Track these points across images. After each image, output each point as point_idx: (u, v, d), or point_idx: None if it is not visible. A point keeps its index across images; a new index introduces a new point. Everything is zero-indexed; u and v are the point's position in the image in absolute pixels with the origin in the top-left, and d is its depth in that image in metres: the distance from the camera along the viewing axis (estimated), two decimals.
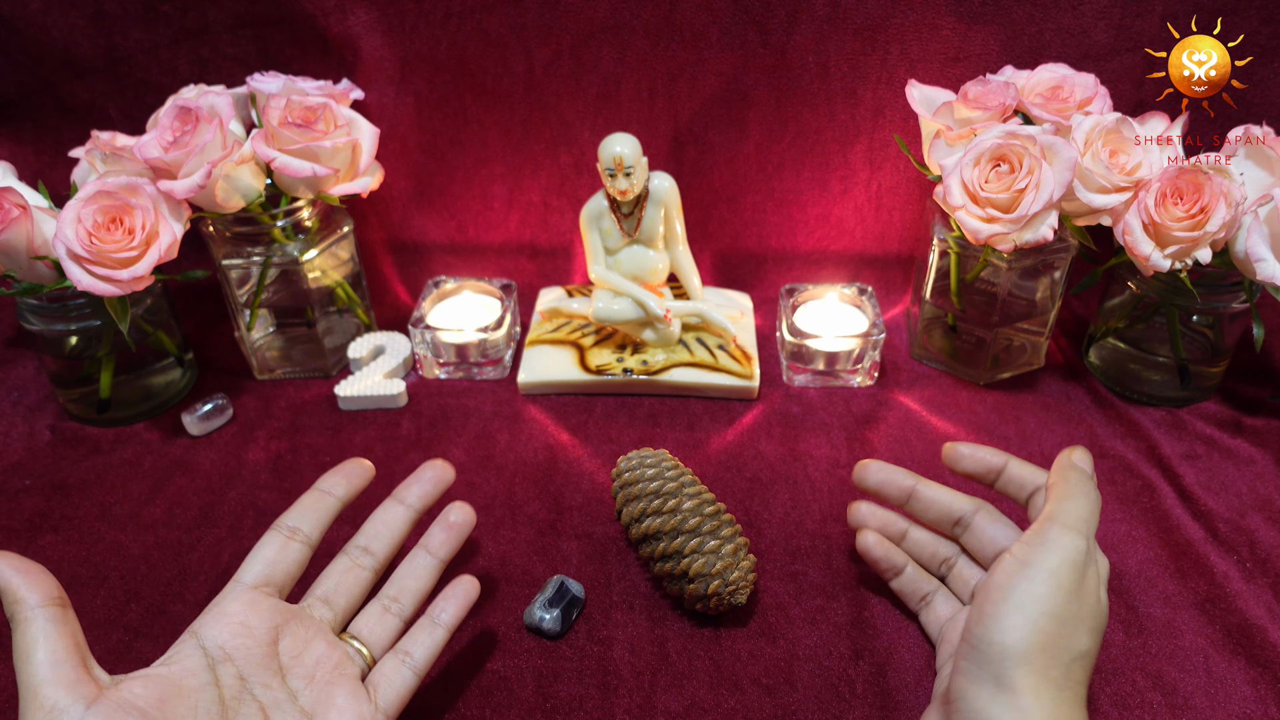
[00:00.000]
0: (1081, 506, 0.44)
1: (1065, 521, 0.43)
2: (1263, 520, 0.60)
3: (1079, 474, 0.46)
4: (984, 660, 0.40)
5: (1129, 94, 0.74)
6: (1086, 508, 0.44)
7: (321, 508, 0.48)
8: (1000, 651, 0.39)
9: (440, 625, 0.47)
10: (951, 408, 0.71)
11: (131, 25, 0.75)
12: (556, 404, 0.72)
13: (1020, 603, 0.40)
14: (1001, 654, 0.39)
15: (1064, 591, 0.41)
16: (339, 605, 0.47)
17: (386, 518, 0.50)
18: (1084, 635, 0.41)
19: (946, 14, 0.72)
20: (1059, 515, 0.43)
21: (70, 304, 0.65)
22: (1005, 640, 0.39)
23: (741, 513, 0.61)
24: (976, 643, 0.40)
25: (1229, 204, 0.59)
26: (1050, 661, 0.39)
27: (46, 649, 0.37)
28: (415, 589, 0.49)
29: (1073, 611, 0.41)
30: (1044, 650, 0.39)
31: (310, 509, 0.48)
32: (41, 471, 0.66)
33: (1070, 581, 0.41)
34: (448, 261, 0.86)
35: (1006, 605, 0.40)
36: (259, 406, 0.72)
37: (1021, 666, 0.39)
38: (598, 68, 0.76)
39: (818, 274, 0.85)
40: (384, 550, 0.49)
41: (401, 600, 0.48)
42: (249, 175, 0.66)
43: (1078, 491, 0.45)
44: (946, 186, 0.64)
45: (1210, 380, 0.72)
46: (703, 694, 0.49)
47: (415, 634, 0.47)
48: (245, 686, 0.41)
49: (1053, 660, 0.39)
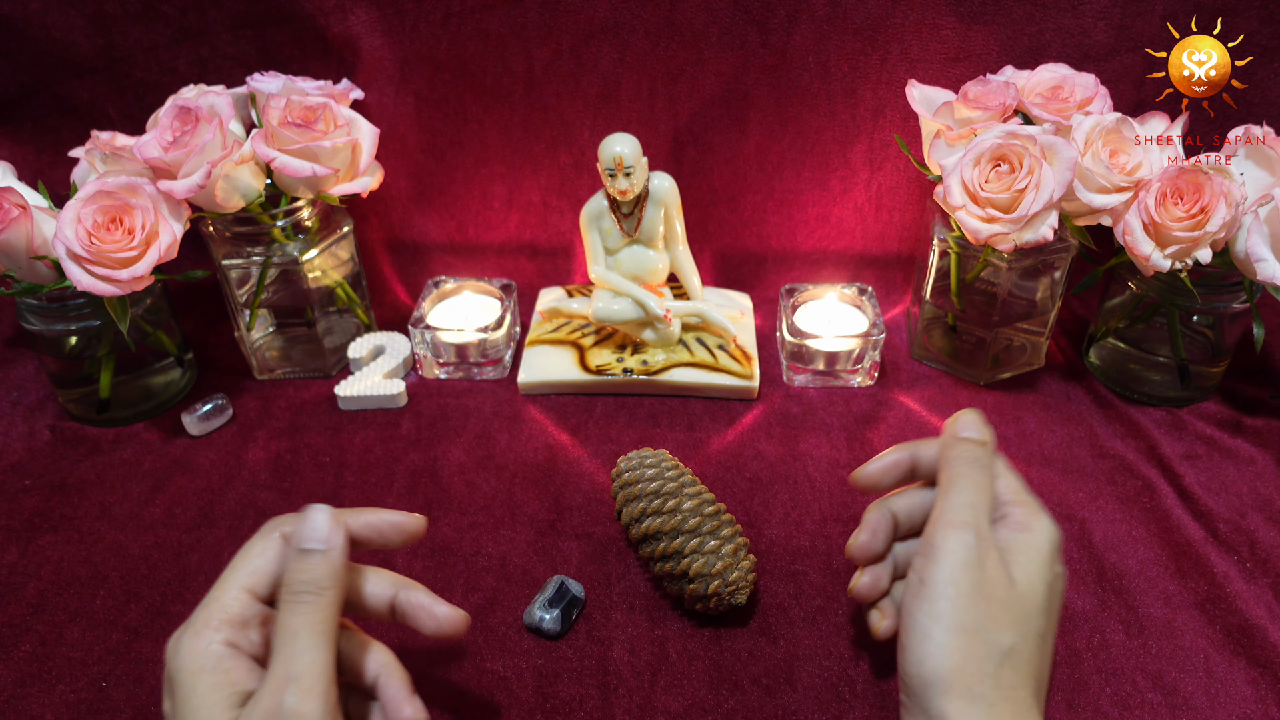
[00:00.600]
0: (964, 494, 0.42)
1: (950, 519, 0.41)
2: (1263, 520, 0.60)
3: (961, 452, 0.44)
4: (913, 694, 0.38)
5: (1129, 94, 0.74)
6: (970, 494, 0.42)
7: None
8: (921, 684, 0.38)
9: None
10: (951, 408, 0.71)
11: (131, 25, 0.75)
12: (556, 404, 0.72)
13: (924, 628, 0.38)
14: (923, 687, 0.38)
15: (964, 597, 0.38)
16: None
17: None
18: (1004, 633, 0.38)
19: (946, 14, 0.72)
20: (944, 513, 0.41)
21: (70, 304, 0.65)
22: (921, 672, 0.38)
23: (741, 513, 0.61)
24: (903, 677, 0.39)
25: (1229, 204, 0.59)
26: (973, 678, 0.37)
27: (325, 650, 0.37)
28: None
29: (981, 613, 0.38)
30: (961, 670, 0.37)
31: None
32: (41, 471, 0.66)
33: (968, 583, 0.39)
34: (448, 261, 0.86)
35: (914, 633, 0.39)
36: (259, 406, 0.72)
37: (945, 695, 0.37)
38: (598, 68, 0.76)
39: (818, 274, 0.85)
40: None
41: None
42: (249, 175, 0.66)
43: (958, 477, 0.42)
44: (946, 186, 0.64)
45: (1210, 380, 0.72)
46: (703, 694, 0.49)
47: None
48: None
49: (975, 676, 0.37)
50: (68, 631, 0.53)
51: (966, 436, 0.45)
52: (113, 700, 0.49)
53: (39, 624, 0.54)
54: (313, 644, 0.37)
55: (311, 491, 0.63)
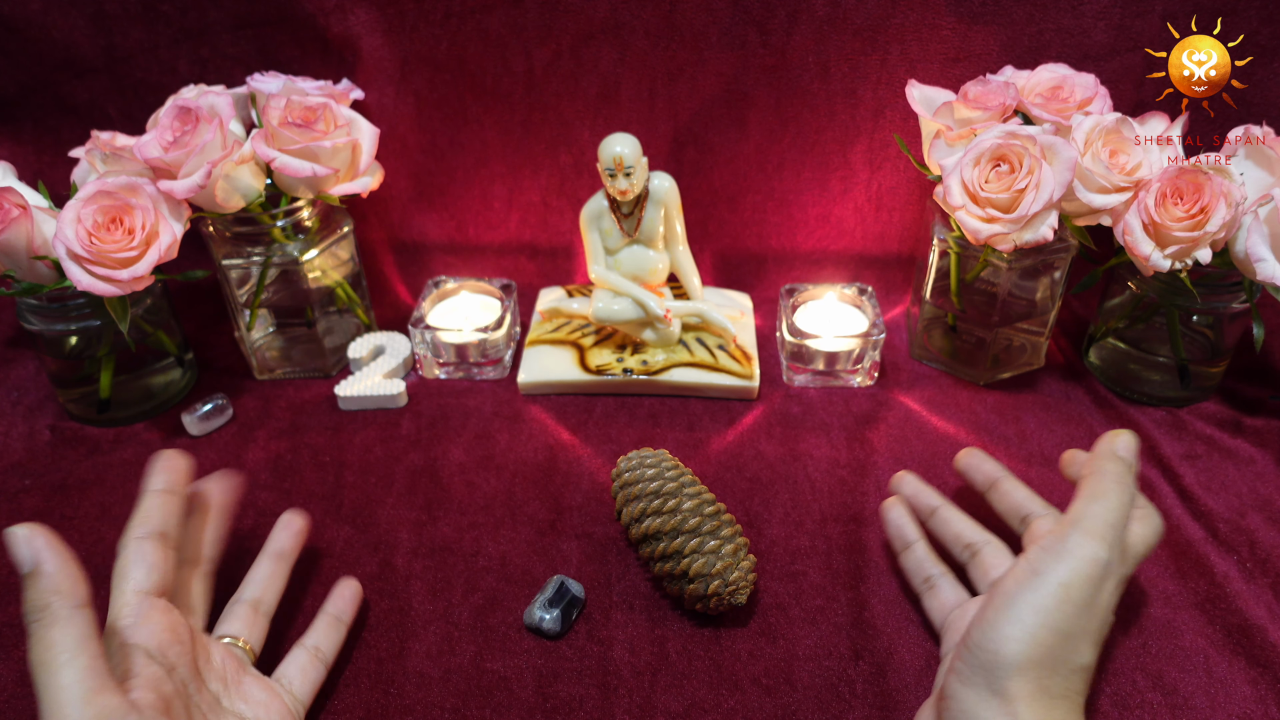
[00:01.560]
0: (1109, 509, 0.41)
1: (1088, 527, 0.41)
2: (1263, 520, 0.60)
3: (1115, 467, 0.43)
4: (978, 665, 0.39)
5: (1129, 94, 0.74)
6: (1114, 510, 0.41)
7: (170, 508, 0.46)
8: (994, 660, 0.38)
9: (340, 621, 0.51)
10: (951, 408, 0.71)
11: (131, 25, 0.75)
12: (556, 404, 0.72)
13: (1022, 614, 0.39)
14: (995, 662, 0.38)
15: (1073, 606, 0.39)
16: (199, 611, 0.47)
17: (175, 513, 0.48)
18: (1087, 648, 0.39)
19: (946, 14, 0.72)
20: (1083, 519, 0.41)
21: (70, 304, 0.65)
22: (1000, 650, 0.39)
23: (741, 513, 0.61)
24: (973, 646, 0.40)
25: (1229, 204, 0.59)
26: (1049, 674, 0.38)
27: (88, 655, 0.36)
28: (277, 588, 0.51)
29: (1080, 626, 0.39)
30: (1041, 664, 0.38)
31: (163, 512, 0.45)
32: (41, 471, 0.66)
33: (1083, 596, 0.39)
34: (448, 261, 0.86)
35: (1008, 614, 0.39)
36: (259, 406, 0.72)
37: (1016, 677, 0.38)
38: (598, 68, 0.76)
39: (818, 274, 0.85)
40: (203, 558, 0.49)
41: (266, 601, 0.50)
42: (249, 175, 0.66)
43: (1108, 490, 0.42)
44: (946, 186, 0.64)
45: (1210, 380, 0.72)
46: (703, 694, 0.49)
47: (318, 629, 0.50)
48: (189, 693, 0.41)
49: (1052, 673, 0.38)
50: None
51: (1124, 457, 0.44)
52: None
53: None
54: (65, 663, 0.36)
55: (311, 491, 0.63)
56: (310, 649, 0.49)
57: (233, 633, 0.48)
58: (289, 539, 0.54)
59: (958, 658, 0.41)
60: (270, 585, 0.51)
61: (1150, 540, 0.45)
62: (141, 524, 0.44)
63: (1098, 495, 0.42)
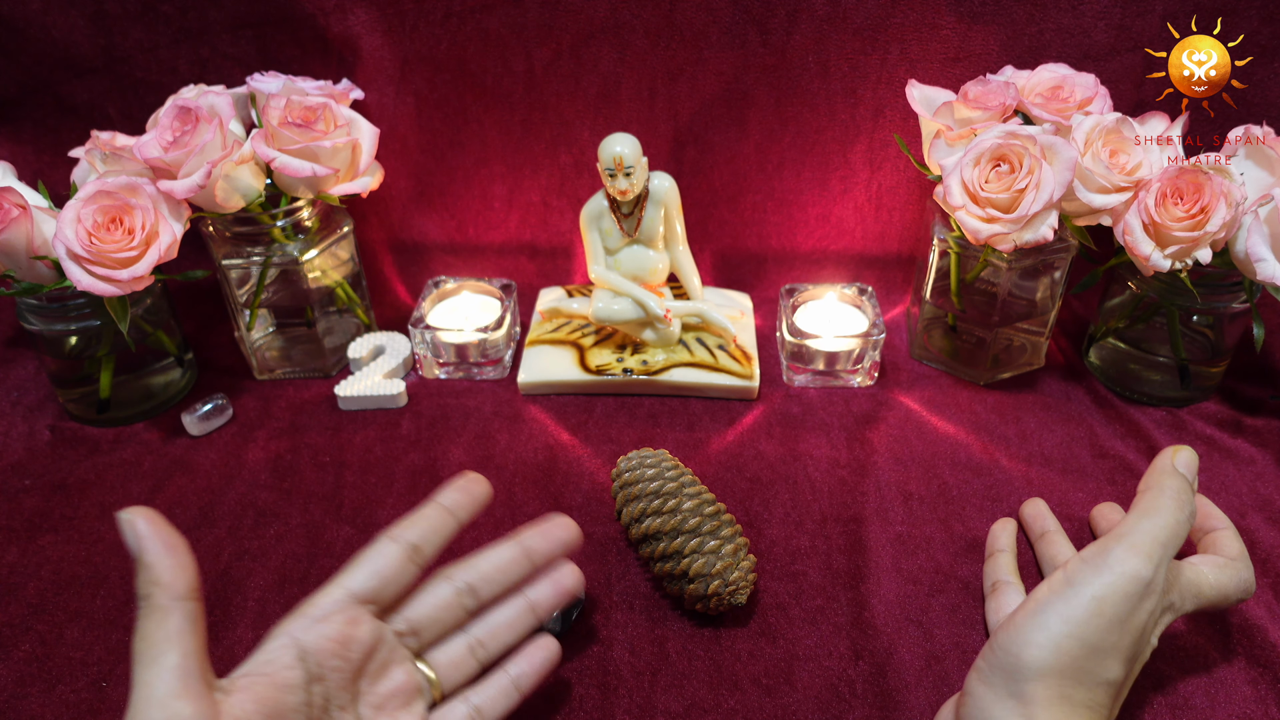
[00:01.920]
0: (1160, 526, 0.40)
1: (1134, 542, 0.40)
2: (1263, 520, 0.60)
3: (1174, 483, 0.42)
4: (999, 666, 0.39)
5: (1129, 94, 0.74)
6: (1166, 529, 0.40)
7: (445, 530, 0.44)
8: (1015, 663, 0.39)
9: (517, 689, 0.45)
10: (952, 408, 0.71)
11: (131, 25, 0.75)
12: (556, 404, 0.72)
13: (1049, 621, 0.39)
14: (1015, 665, 0.38)
15: (1105, 620, 0.38)
16: (426, 637, 0.44)
17: (501, 562, 0.46)
18: (1116, 664, 0.39)
19: (946, 14, 0.72)
20: (1130, 534, 0.40)
21: (70, 304, 0.65)
22: (1021, 654, 0.38)
23: (741, 513, 0.61)
24: (997, 648, 0.40)
25: (1229, 204, 0.59)
26: (1072, 684, 0.38)
27: (178, 654, 0.35)
28: (507, 640, 0.46)
29: (1110, 642, 0.38)
30: (1064, 673, 0.38)
31: (436, 531, 0.44)
32: (41, 471, 0.66)
33: (1116, 612, 0.39)
34: (448, 261, 0.86)
35: (1036, 620, 0.39)
36: (259, 406, 0.72)
37: (1035, 682, 0.38)
38: (598, 68, 0.76)
39: (818, 274, 0.85)
40: (490, 596, 0.46)
41: (489, 647, 0.45)
42: (249, 175, 0.66)
43: (1163, 507, 0.41)
44: (946, 186, 0.64)
45: (1210, 380, 0.72)
46: (703, 694, 0.49)
47: (489, 689, 0.44)
48: (326, 709, 0.39)
49: (1075, 683, 0.38)
50: (68, 631, 0.53)
51: (1183, 473, 0.43)
52: (113, 700, 0.49)
53: (39, 624, 0.54)
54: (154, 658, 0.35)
55: (311, 491, 0.63)
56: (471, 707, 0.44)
57: (438, 663, 0.44)
58: (552, 596, 0.48)
59: (982, 656, 0.41)
60: (503, 635, 0.46)
61: (1226, 591, 0.44)
62: (404, 528, 0.43)
63: (1150, 512, 0.41)
